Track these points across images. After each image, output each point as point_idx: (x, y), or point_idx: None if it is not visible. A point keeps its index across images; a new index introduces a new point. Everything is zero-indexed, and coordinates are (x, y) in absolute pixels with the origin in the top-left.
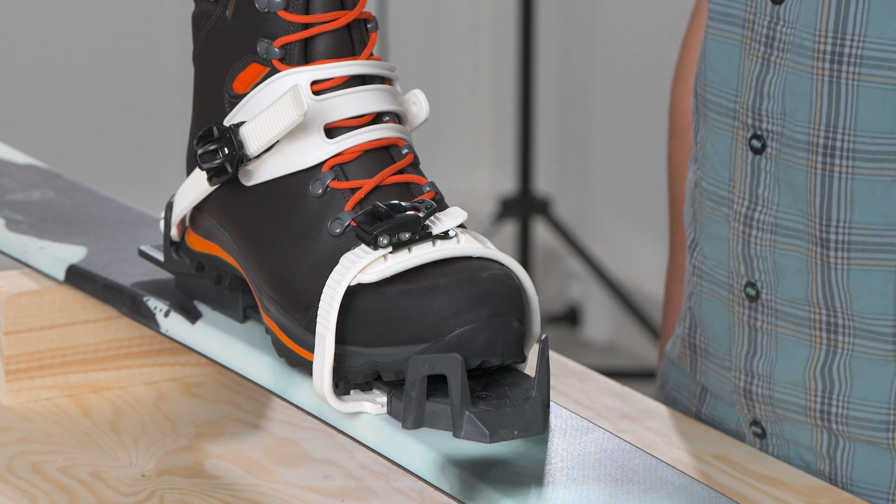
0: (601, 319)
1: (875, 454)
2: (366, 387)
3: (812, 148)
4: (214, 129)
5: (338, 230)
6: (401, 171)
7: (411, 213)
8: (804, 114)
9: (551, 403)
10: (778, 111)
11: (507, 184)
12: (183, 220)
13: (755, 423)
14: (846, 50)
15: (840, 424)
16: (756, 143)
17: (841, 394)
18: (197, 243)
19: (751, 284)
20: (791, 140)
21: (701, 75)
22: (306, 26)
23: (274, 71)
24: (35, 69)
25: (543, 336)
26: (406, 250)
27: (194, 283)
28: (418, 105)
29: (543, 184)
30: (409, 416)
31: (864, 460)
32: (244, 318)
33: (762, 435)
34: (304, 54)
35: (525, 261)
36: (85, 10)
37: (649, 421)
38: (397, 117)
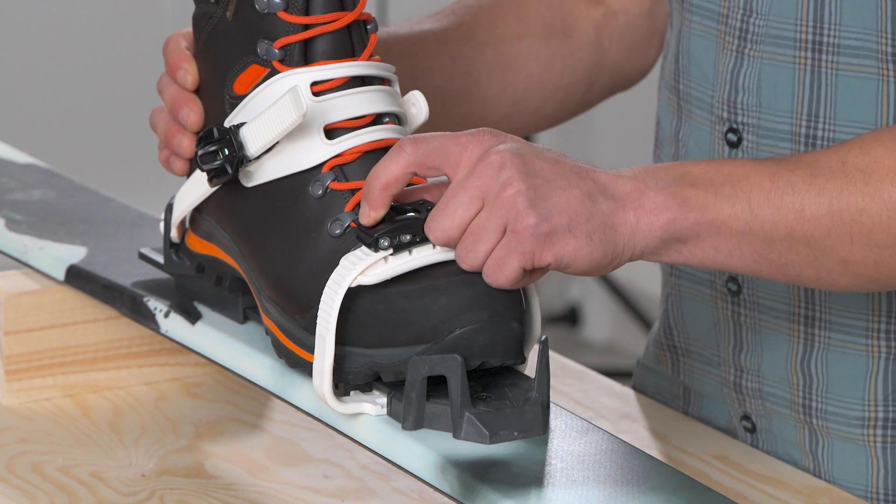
0: (601, 319)
1: (851, 451)
2: (366, 388)
3: (794, 138)
4: (215, 130)
5: (338, 231)
6: None
7: (412, 214)
8: (785, 104)
9: (551, 404)
10: (753, 103)
11: None
12: (183, 222)
13: (745, 417)
14: (825, 39)
15: (820, 420)
16: (732, 137)
17: (819, 388)
18: (197, 245)
19: (732, 279)
20: (771, 131)
21: (684, 72)
22: (306, 27)
23: (274, 72)
24: (35, 69)
25: (543, 337)
26: (406, 252)
27: (194, 284)
28: (417, 106)
29: None
30: (408, 416)
31: (841, 457)
32: (244, 319)
33: (752, 430)
34: (304, 55)
35: None
36: (85, 10)
37: (649, 421)
38: (397, 118)
